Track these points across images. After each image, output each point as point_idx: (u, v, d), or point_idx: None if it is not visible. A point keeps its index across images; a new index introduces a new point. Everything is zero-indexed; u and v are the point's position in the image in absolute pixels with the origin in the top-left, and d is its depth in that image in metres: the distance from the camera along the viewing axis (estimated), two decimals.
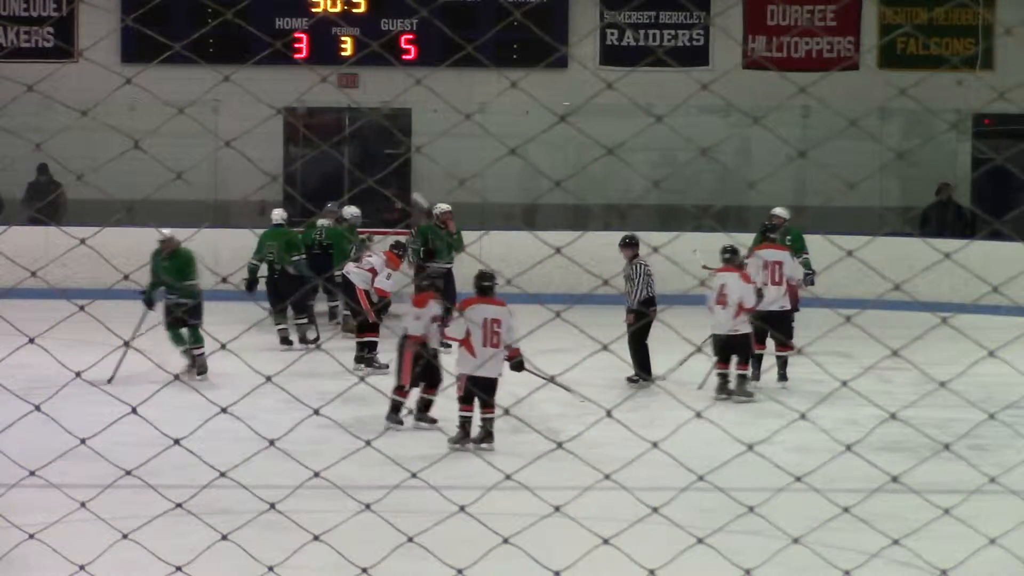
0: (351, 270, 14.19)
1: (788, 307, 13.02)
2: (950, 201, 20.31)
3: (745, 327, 12.20)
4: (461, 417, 10.29)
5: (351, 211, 16.72)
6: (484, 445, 10.17)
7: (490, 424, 10.25)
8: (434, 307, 10.72)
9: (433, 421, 10.73)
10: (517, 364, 10.32)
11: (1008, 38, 20.10)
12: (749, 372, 12.47)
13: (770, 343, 13.15)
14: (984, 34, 21.22)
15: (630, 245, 13.02)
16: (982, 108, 20.00)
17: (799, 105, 18.98)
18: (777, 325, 12.70)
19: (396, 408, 10.81)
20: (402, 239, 15.61)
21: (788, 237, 14.56)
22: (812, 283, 13.96)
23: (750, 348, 12.41)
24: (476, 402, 10.26)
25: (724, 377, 12.42)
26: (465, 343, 10.23)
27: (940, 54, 21.05)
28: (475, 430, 10.27)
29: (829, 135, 17.50)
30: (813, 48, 21.43)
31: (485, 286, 10.51)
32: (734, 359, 12.38)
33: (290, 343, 15.20)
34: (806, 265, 14.18)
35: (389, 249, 14.62)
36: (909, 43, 21.31)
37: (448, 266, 16.04)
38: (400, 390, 10.75)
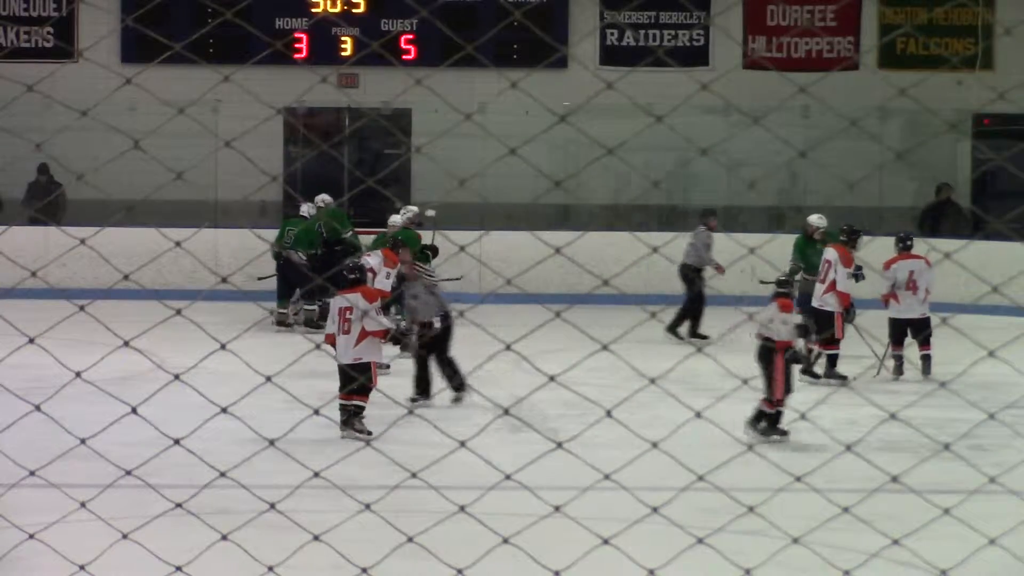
0: None
1: (829, 307, 13.04)
2: (950, 201, 20.30)
3: (928, 311, 12.93)
4: (340, 405, 10.42)
5: (396, 220, 16.61)
6: (346, 432, 10.24)
7: (348, 410, 10.32)
8: (796, 312, 10.57)
9: (784, 433, 10.41)
10: (393, 337, 10.52)
11: (1008, 38, 20.10)
12: (930, 352, 13.01)
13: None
14: (984, 34, 21.20)
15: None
16: (982, 108, 19.99)
17: (799, 105, 18.97)
18: (821, 322, 12.92)
19: (775, 420, 10.47)
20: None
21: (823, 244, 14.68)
22: (863, 278, 13.89)
23: (930, 330, 12.88)
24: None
25: (900, 359, 13.06)
26: (329, 335, 10.53)
27: (940, 54, 21.04)
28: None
29: (829, 135, 17.50)
30: (813, 48, 21.43)
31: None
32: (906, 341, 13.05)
33: (288, 326, 15.56)
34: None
35: (388, 247, 14.62)
36: (909, 43, 21.29)
37: None
38: (772, 402, 10.40)
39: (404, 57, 20.64)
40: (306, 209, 16.68)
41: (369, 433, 10.23)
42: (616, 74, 19.20)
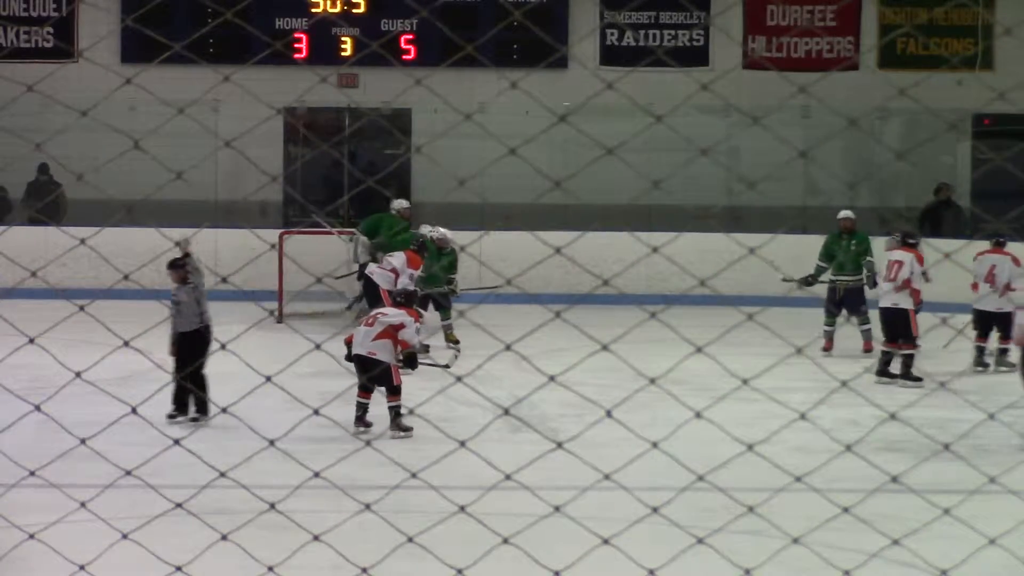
0: (374, 271, 14.40)
1: (903, 305, 13.08)
2: (950, 201, 20.31)
3: (1009, 305, 13.23)
4: (357, 402, 10.46)
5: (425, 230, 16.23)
6: (391, 434, 10.26)
7: (392, 412, 10.35)
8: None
9: None
10: (408, 356, 10.49)
11: (1008, 38, 20.09)
12: (1010, 347, 13.21)
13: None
14: (984, 34, 21.20)
15: (178, 267, 11.22)
16: (982, 108, 19.99)
17: (799, 105, 18.97)
18: (896, 322, 12.99)
19: None
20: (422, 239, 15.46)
21: (853, 241, 14.66)
22: (875, 285, 13.96)
23: (1011, 325, 12.88)
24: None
25: (981, 351, 13.58)
26: (348, 336, 10.55)
27: (940, 54, 21.04)
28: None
29: (829, 135, 17.50)
30: (813, 48, 21.43)
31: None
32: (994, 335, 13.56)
33: None
34: (869, 268, 14.40)
35: (410, 248, 14.64)
36: (909, 43, 21.30)
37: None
38: None
39: (404, 57, 20.64)
40: (427, 230, 16.08)
41: (410, 429, 10.34)
42: (616, 74, 19.20)
